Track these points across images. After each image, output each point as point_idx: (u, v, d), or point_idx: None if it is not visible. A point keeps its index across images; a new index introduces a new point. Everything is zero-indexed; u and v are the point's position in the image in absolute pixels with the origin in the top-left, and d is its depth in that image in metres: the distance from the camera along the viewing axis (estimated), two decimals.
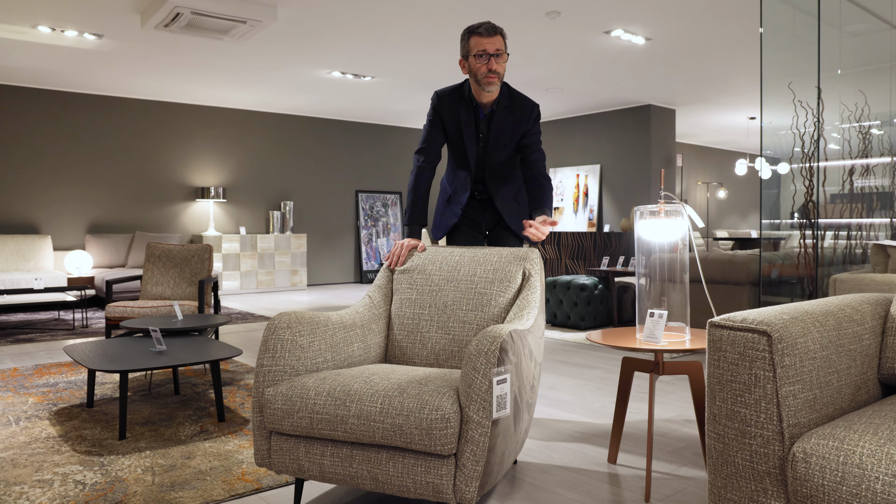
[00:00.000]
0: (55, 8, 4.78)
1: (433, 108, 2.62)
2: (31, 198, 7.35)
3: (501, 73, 2.50)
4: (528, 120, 2.59)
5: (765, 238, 5.22)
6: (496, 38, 2.47)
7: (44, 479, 2.20)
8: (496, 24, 2.63)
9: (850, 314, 1.81)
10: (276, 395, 1.85)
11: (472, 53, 2.48)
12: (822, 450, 1.40)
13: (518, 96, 2.61)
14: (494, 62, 2.46)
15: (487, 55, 2.45)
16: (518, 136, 2.60)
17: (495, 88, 2.50)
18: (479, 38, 2.47)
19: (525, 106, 2.60)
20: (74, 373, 3.86)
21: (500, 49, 2.47)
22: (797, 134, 4.09)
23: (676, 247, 2.19)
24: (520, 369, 1.86)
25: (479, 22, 2.52)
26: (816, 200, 3.99)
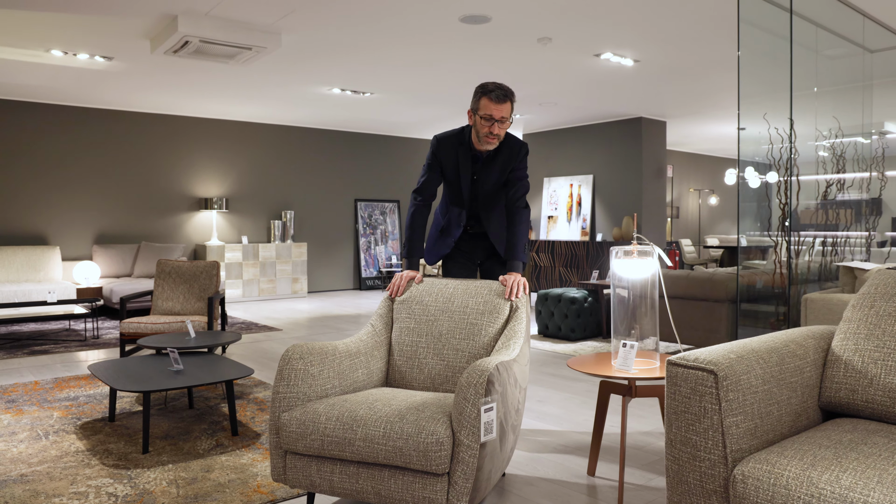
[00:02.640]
0: (68, 33, 5.02)
1: (432, 152, 2.83)
2: (40, 209, 7.58)
3: (501, 136, 2.71)
4: (516, 158, 2.81)
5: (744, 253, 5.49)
6: (504, 105, 2.64)
7: (79, 492, 2.45)
8: (507, 88, 2.72)
9: (794, 349, 2.06)
10: (290, 420, 2.11)
11: (479, 114, 2.67)
12: (757, 473, 1.66)
13: (508, 138, 2.82)
14: (497, 127, 2.66)
15: (493, 120, 2.65)
16: (507, 173, 2.82)
17: (493, 147, 2.73)
18: (489, 103, 2.64)
19: (514, 147, 2.81)
20: (93, 386, 4.11)
21: (505, 116, 2.65)
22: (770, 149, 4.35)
23: (647, 283, 2.45)
24: (505, 397, 2.11)
25: (494, 84, 2.68)
26: (790, 220, 4.25)
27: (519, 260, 2.73)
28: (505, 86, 2.69)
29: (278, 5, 4.39)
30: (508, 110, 2.67)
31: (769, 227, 4.29)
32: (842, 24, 4.82)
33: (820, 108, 5.11)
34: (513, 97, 2.69)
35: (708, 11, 4.59)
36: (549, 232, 9.76)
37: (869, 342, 2.07)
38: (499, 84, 2.69)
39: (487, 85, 2.68)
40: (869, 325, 2.11)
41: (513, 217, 2.79)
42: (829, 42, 5.15)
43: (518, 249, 2.75)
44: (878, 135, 5.94)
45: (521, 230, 2.78)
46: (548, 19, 4.72)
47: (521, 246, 2.76)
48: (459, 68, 6.16)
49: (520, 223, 2.78)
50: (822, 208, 5.05)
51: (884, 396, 1.97)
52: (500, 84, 2.70)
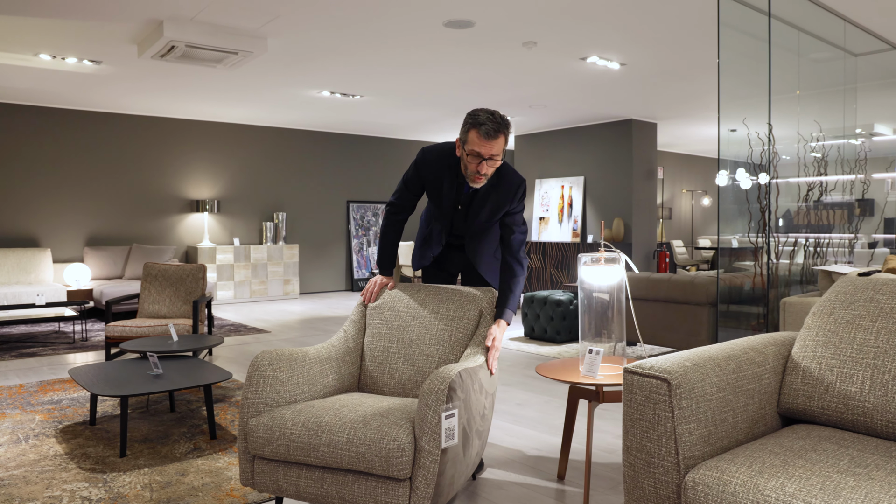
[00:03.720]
0: (56, 38, 5.05)
1: (415, 165, 2.57)
2: (31, 212, 7.61)
3: (489, 175, 2.40)
4: (513, 200, 2.51)
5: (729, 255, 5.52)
6: (496, 142, 2.32)
7: (54, 496, 2.49)
8: (502, 118, 2.33)
9: (753, 356, 2.10)
10: (258, 425, 2.14)
11: (467, 150, 2.36)
12: (707, 479, 1.70)
13: (506, 173, 2.50)
14: (486, 165, 2.35)
15: (481, 158, 2.34)
16: (500, 213, 2.52)
17: (481, 185, 2.43)
18: (477, 138, 2.32)
19: (511, 184, 2.49)
20: (77, 389, 4.14)
21: (495, 154, 2.34)
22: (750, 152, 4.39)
23: (613, 290, 2.48)
24: (469, 403, 2.14)
25: (487, 115, 2.32)
26: (769, 222, 4.29)
27: (512, 311, 2.48)
28: (499, 116, 2.33)
29: (262, 11, 4.43)
30: (501, 146, 2.34)
31: (748, 230, 4.33)
32: (823, 28, 4.85)
33: (804, 110, 5.15)
34: (506, 130, 2.34)
35: (692, 16, 4.62)
36: (541, 233, 9.80)
37: (826, 349, 2.10)
38: (492, 114, 2.32)
39: (479, 116, 2.32)
40: (827, 333, 2.14)
41: (511, 269, 2.51)
42: (813, 46, 5.19)
43: (513, 301, 2.48)
44: (864, 137, 5.97)
45: (517, 283, 2.50)
46: (531, 24, 4.75)
47: (517, 295, 2.50)
48: (447, 71, 6.19)
49: (517, 276, 2.49)
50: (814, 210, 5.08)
51: (838, 403, 2.01)
52: (493, 114, 2.32)
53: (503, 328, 2.44)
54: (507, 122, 2.37)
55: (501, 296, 2.52)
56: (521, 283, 2.52)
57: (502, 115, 2.36)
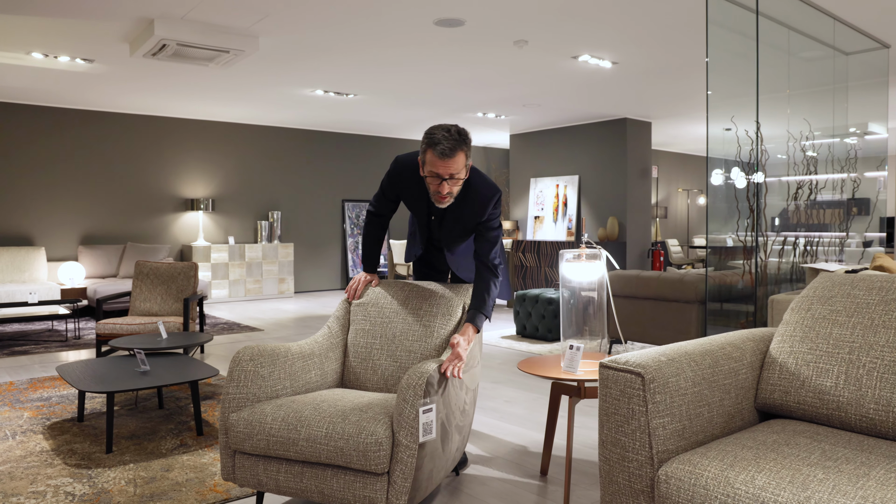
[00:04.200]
0: (48, 37, 5.06)
1: (388, 176, 2.54)
2: (25, 210, 7.62)
3: (455, 192, 2.34)
4: (483, 212, 2.44)
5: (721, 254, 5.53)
6: (454, 160, 2.24)
7: (38, 491, 2.50)
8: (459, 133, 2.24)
9: (730, 352, 2.11)
10: (238, 420, 2.15)
11: (426, 171, 2.29)
12: (679, 473, 1.71)
13: (476, 185, 2.41)
14: (447, 185, 2.28)
15: (441, 178, 2.27)
16: (473, 224, 2.47)
17: (447, 205, 2.37)
18: (435, 159, 2.24)
19: (481, 197, 2.42)
20: (67, 387, 4.15)
21: (455, 173, 2.26)
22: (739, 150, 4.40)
23: (595, 286, 2.49)
24: (447, 399, 2.16)
25: (443, 133, 2.23)
26: (757, 221, 4.30)
27: (483, 314, 2.40)
28: (455, 132, 2.24)
29: (252, 9, 4.43)
30: (460, 164, 2.25)
31: (737, 228, 4.34)
32: (813, 26, 4.86)
33: (794, 109, 5.16)
34: (464, 145, 2.24)
35: (683, 14, 4.63)
36: (536, 232, 9.81)
37: (803, 345, 2.12)
38: (448, 130, 2.23)
39: (434, 135, 2.23)
40: (804, 328, 2.15)
41: (481, 273, 2.44)
42: (804, 44, 5.20)
43: (486, 304, 2.40)
44: (856, 136, 5.98)
45: (490, 288, 2.42)
46: (522, 22, 4.76)
47: (490, 300, 2.41)
48: (439, 70, 6.20)
49: (487, 281, 2.42)
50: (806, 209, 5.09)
51: (814, 398, 2.02)
52: (449, 130, 2.23)
53: (470, 336, 2.30)
54: (466, 138, 2.28)
55: (473, 301, 2.43)
56: (494, 289, 2.43)
57: (460, 130, 2.27)
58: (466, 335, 2.30)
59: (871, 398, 1.94)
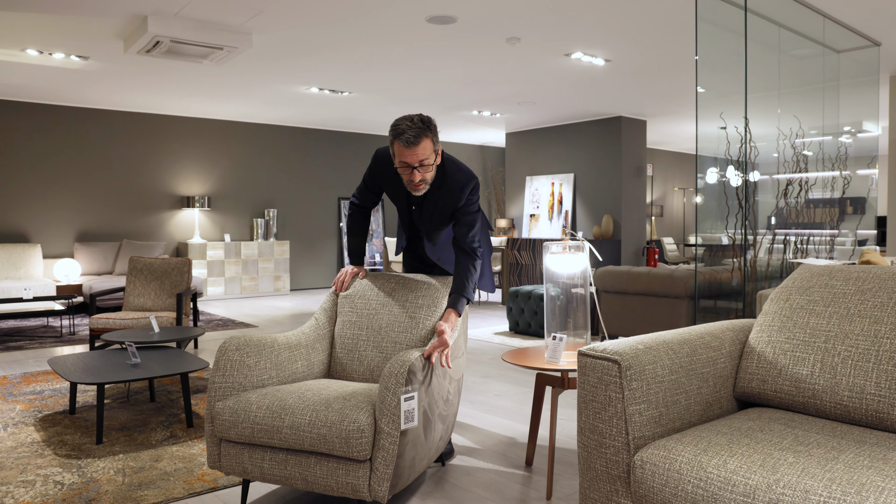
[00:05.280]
0: (42, 33, 5.08)
1: (370, 168, 2.61)
2: (21, 207, 7.64)
3: (429, 179, 2.38)
4: (460, 199, 2.49)
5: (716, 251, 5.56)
6: (419, 147, 2.28)
7: (27, 480, 2.52)
8: (422, 120, 2.29)
9: (709, 341, 2.14)
10: (224, 409, 2.18)
11: (397, 163, 2.34)
12: (654, 458, 1.74)
13: (451, 172, 2.47)
14: (418, 173, 2.32)
15: (411, 167, 2.32)
16: (451, 211, 2.52)
17: (422, 192, 2.42)
18: (402, 148, 2.29)
19: (456, 185, 2.47)
20: (60, 381, 4.18)
21: (424, 160, 2.30)
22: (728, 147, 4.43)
23: (577, 276, 2.52)
24: (430, 388, 2.18)
25: (407, 123, 2.28)
26: (745, 218, 4.33)
27: (464, 297, 2.44)
28: (418, 121, 2.29)
29: (245, 6, 4.46)
30: (427, 150, 2.30)
31: (726, 225, 4.37)
32: (803, 24, 4.89)
33: (785, 107, 5.19)
34: (428, 132, 2.29)
35: (675, 12, 4.66)
36: (531, 230, 9.84)
37: (781, 334, 2.15)
38: (411, 119, 2.28)
39: (399, 125, 2.28)
40: (782, 318, 2.18)
41: (460, 258, 2.49)
42: (794, 42, 5.23)
43: (465, 285, 2.43)
44: (848, 134, 6.02)
45: (469, 270, 2.46)
46: (514, 19, 4.79)
47: (470, 283, 2.45)
48: (432, 67, 6.23)
49: (465, 265, 2.45)
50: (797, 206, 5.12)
51: (790, 386, 2.05)
52: (412, 119, 2.29)
53: (453, 322, 2.35)
54: (430, 125, 2.32)
55: (453, 285, 2.47)
56: (474, 271, 2.47)
57: (423, 118, 2.31)
58: (450, 321, 2.34)
59: (846, 386, 1.97)
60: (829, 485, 1.46)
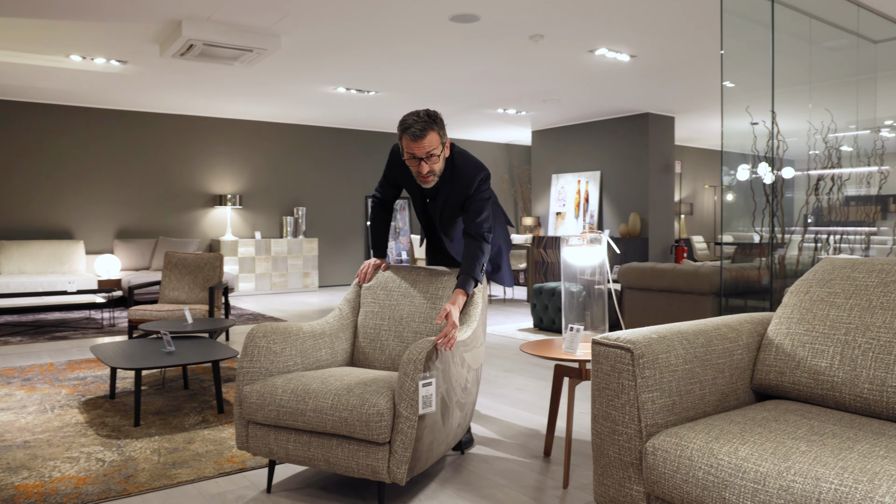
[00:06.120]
0: (85, 40, 5.29)
1: (388, 163, 2.70)
2: (66, 206, 7.94)
3: (438, 170, 2.46)
4: (470, 189, 2.55)
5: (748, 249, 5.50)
6: (426, 140, 2.36)
7: (72, 457, 2.67)
8: (428, 115, 2.38)
9: (725, 332, 2.16)
10: (251, 392, 2.28)
11: (405, 156, 2.44)
12: (666, 445, 1.77)
13: (460, 165, 2.54)
14: (426, 165, 2.40)
15: (418, 159, 2.40)
16: (462, 202, 2.58)
17: (432, 184, 2.50)
18: (409, 141, 2.38)
19: (465, 177, 2.54)
20: (101, 368, 4.36)
21: (430, 152, 2.39)
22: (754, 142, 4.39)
23: (595, 270, 2.56)
24: (448, 374, 2.25)
25: (413, 117, 2.38)
26: (772, 215, 4.29)
27: (472, 277, 2.46)
28: (424, 113, 2.38)
29: (273, 9, 4.58)
30: (434, 142, 2.39)
31: (753, 221, 4.33)
32: (835, 14, 4.80)
33: (816, 100, 5.11)
34: (433, 125, 2.37)
35: (701, 6, 4.63)
36: (557, 228, 9.83)
37: (800, 326, 2.15)
38: (417, 114, 2.38)
39: (406, 120, 2.38)
40: (802, 310, 2.19)
41: (468, 242, 2.54)
42: (826, 33, 5.13)
43: (473, 266, 2.46)
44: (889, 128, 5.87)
45: (476, 252, 2.49)
46: (537, 16, 4.82)
47: (477, 264, 2.47)
48: (456, 66, 6.29)
49: (473, 247, 2.49)
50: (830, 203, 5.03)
51: (808, 378, 2.06)
52: (418, 113, 2.38)
53: (460, 302, 2.38)
54: (435, 117, 2.40)
55: (462, 267, 2.49)
56: (480, 253, 2.48)
57: (428, 112, 2.40)
58: (457, 302, 2.37)
59: (866, 378, 1.96)
60: (840, 473, 1.47)
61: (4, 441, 2.88)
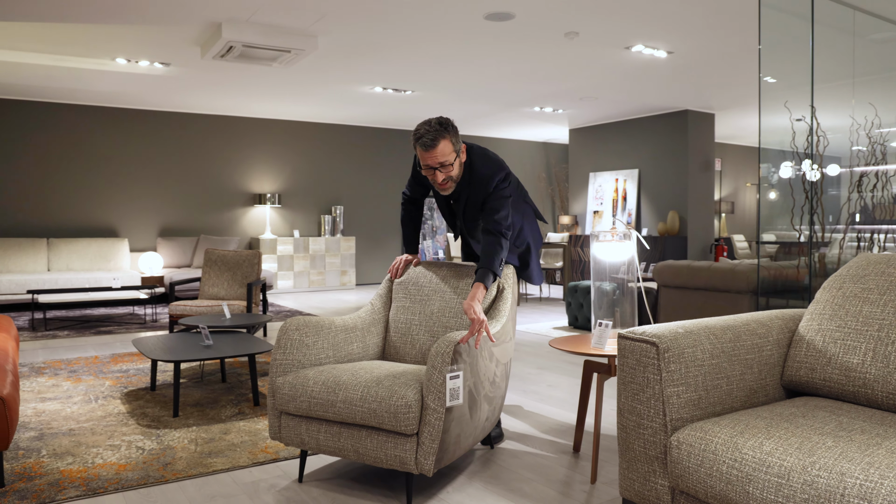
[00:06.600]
0: (130, 44, 5.49)
1: (414, 162, 2.72)
2: (111, 205, 8.24)
3: (455, 176, 2.48)
4: (489, 188, 2.57)
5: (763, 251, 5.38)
6: (437, 149, 2.38)
7: (114, 444, 2.79)
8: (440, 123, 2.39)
9: (755, 328, 2.13)
10: (284, 383, 2.34)
11: (421, 166, 2.47)
12: (690, 439, 1.77)
13: (479, 167, 2.55)
14: (441, 173, 2.43)
15: (432, 168, 2.43)
16: (483, 202, 2.60)
17: (450, 192, 2.53)
18: (422, 152, 2.40)
19: (483, 179, 2.56)
20: (143, 361, 4.52)
21: (444, 161, 2.40)
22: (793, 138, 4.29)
23: (624, 266, 2.55)
24: (476, 368, 2.27)
25: (425, 127, 2.39)
26: (815, 212, 4.19)
27: (490, 271, 2.45)
28: (436, 124, 2.39)
29: (310, 10, 4.68)
30: (447, 150, 2.39)
31: (791, 218, 4.24)
32: (882, 5, 4.65)
33: (860, 95, 4.96)
34: (445, 133, 2.38)
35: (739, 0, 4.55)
36: (595, 227, 9.74)
37: (832, 322, 2.12)
38: (428, 123, 2.39)
39: (418, 129, 2.40)
40: (834, 306, 2.15)
41: (486, 237, 2.53)
42: (872, 26, 4.98)
43: (491, 260, 2.46)
44: None
45: (495, 247, 2.49)
46: (572, 14, 4.80)
47: (496, 259, 2.48)
48: (491, 65, 6.30)
49: (492, 242, 2.49)
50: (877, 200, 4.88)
51: (840, 375, 2.02)
52: (429, 123, 2.39)
53: (480, 296, 2.36)
54: (446, 125, 2.40)
55: (480, 261, 2.49)
56: (499, 248, 2.47)
57: (440, 120, 2.40)
58: (476, 296, 2.36)
59: None
60: (866, 468, 1.45)
61: (51, 429, 3.02)
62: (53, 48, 5.66)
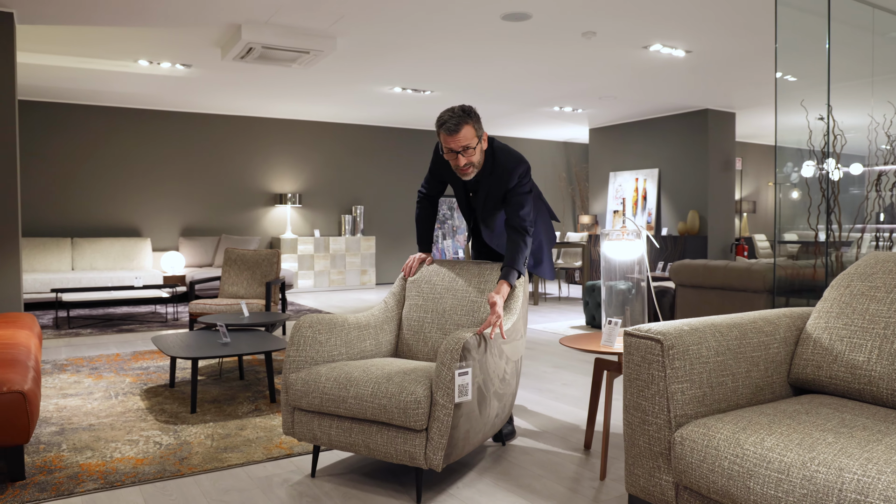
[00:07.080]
0: (152, 46, 5.62)
1: (432, 159, 2.83)
2: (134, 205, 8.41)
3: (476, 162, 2.56)
4: (510, 181, 2.62)
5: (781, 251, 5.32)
6: (461, 134, 2.47)
7: (132, 439, 2.87)
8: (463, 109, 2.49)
9: (761, 326, 2.14)
10: (297, 380, 2.40)
11: (444, 150, 2.56)
12: (693, 435, 1.78)
13: (502, 158, 2.62)
14: (463, 157, 2.52)
15: (455, 152, 2.52)
16: (503, 194, 2.66)
17: (471, 177, 2.60)
18: (446, 137, 2.49)
19: (506, 169, 2.62)
20: (163, 359, 4.62)
21: (467, 145, 2.49)
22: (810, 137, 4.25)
23: (634, 265, 2.56)
24: (485, 365, 2.31)
25: (448, 113, 2.49)
26: (831, 211, 4.14)
27: (515, 269, 2.53)
28: (458, 110, 2.49)
29: (329, 11, 4.75)
30: (469, 135, 2.49)
31: (808, 217, 4.20)
32: None
33: (880, 93, 4.89)
34: (468, 119, 2.48)
35: None
36: (615, 226, 9.70)
37: (839, 320, 2.12)
38: (452, 110, 2.50)
39: (442, 116, 2.50)
40: (841, 304, 2.15)
41: (510, 235, 2.61)
42: (892, 23, 4.91)
43: (516, 258, 2.54)
44: None
45: (519, 245, 2.57)
46: (589, 13, 4.81)
47: (520, 256, 2.56)
48: (509, 65, 6.32)
49: (516, 241, 2.56)
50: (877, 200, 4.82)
51: (846, 373, 2.02)
52: (453, 109, 2.50)
53: (505, 292, 2.45)
54: (470, 112, 2.50)
55: (505, 259, 2.57)
56: (523, 245, 2.55)
57: (464, 107, 2.51)
58: (501, 292, 2.44)
59: None
60: (865, 464, 1.46)
61: (72, 424, 3.12)
62: (77, 51, 5.81)
